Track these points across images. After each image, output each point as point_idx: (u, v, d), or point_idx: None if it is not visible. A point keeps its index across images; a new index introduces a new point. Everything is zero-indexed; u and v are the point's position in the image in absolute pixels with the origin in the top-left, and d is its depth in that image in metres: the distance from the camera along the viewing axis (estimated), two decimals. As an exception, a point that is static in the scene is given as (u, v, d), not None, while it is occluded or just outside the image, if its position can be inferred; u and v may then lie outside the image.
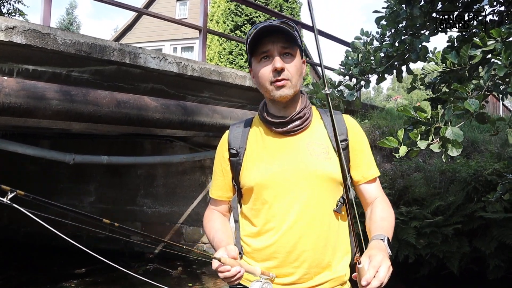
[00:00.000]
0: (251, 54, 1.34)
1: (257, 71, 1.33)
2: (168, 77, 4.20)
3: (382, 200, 1.40)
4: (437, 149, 2.12)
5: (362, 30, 3.51)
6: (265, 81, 1.31)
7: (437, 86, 2.95)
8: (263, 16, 12.21)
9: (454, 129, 2.10)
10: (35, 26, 3.11)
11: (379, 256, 1.10)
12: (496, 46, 2.35)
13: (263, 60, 1.31)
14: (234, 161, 1.41)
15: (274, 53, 1.29)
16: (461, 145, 2.08)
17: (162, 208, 6.11)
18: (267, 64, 1.30)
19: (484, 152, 5.34)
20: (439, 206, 4.58)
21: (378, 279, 1.05)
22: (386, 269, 1.07)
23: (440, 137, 2.12)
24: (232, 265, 1.19)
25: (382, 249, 1.16)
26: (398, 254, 4.49)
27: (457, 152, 2.07)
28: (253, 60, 1.34)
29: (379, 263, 1.08)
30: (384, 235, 1.23)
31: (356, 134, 1.42)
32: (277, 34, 1.28)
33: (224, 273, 1.19)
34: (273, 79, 1.29)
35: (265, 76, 1.31)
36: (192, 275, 5.22)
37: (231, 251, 1.23)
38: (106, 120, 3.41)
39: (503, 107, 15.26)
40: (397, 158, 2.22)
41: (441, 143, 2.12)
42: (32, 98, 2.93)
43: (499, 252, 4.22)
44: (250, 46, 1.31)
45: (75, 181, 6.61)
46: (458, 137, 2.07)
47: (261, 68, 1.31)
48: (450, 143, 2.08)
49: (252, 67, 1.37)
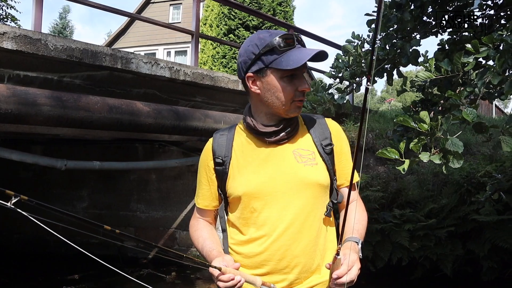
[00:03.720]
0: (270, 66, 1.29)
1: (280, 87, 1.30)
2: (161, 82, 4.20)
3: (358, 203, 1.44)
4: (438, 160, 2.12)
5: (354, 33, 3.53)
6: (288, 99, 1.30)
7: (427, 89, 2.96)
8: (256, 20, 12.25)
9: (454, 139, 2.10)
10: (26, 32, 3.09)
11: (354, 256, 1.20)
12: (489, 53, 2.37)
13: (288, 77, 1.30)
14: (220, 170, 1.40)
15: (300, 74, 1.31)
16: (462, 156, 2.08)
17: (156, 213, 6.08)
18: (291, 82, 1.30)
19: (476, 154, 5.37)
20: (432, 208, 4.60)
21: (349, 276, 1.15)
22: (357, 270, 1.18)
23: (440, 148, 2.13)
24: (234, 274, 1.19)
25: (356, 251, 1.25)
26: (391, 257, 4.50)
27: (459, 164, 2.08)
28: (273, 72, 1.29)
29: (353, 263, 1.18)
30: (359, 238, 1.32)
31: (341, 139, 1.44)
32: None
33: (226, 282, 1.18)
34: (297, 98, 1.31)
35: (290, 94, 1.30)
36: (186, 281, 5.20)
37: (230, 261, 1.24)
38: (98, 126, 3.39)
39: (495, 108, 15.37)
40: (402, 172, 2.20)
41: (442, 155, 2.12)
42: (23, 104, 2.91)
43: (493, 254, 4.24)
44: (288, 66, 1.26)
45: (68, 187, 6.57)
46: (458, 148, 2.07)
47: (285, 85, 1.30)
48: (451, 154, 2.08)
49: (265, 77, 1.31)
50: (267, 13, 11.89)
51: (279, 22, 8.28)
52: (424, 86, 3.02)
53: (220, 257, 1.25)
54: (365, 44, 3.41)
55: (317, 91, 3.17)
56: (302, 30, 7.42)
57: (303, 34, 7.35)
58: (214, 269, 1.19)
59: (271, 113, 1.35)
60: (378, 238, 4.51)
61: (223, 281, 1.18)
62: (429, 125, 2.13)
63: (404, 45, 3.03)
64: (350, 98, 7.64)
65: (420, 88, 3.10)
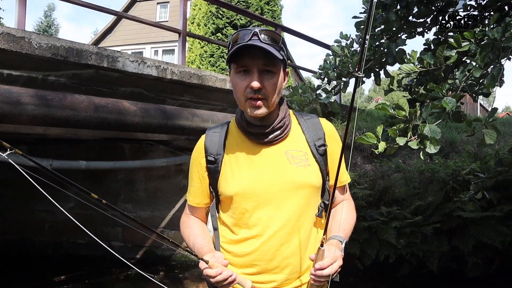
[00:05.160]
0: (230, 62, 1.30)
1: (234, 82, 1.29)
2: (147, 81, 4.17)
3: (348, 203, 1.45)
4: (416, 146, 2.16)
5: (342, 33, 3.55)
6: (240, 95, 1.28)
7: (413, 88, 3.00)
8: (244, 19, 12.23)
9: (432, 126, 2.14)
10: (9, 30, 3.04)
11: (338, 252, 1.24)
12: (470, 48, 2.41)
13: (242, 72, 1.26)
14: (212, 168, 1.38)
15: (253, 70, 1.24)
16: (438, 142, 2.12)
17: (143, 212, 6.04)
18: (245, 78, 1.25)
19: (461, 152, 5.44)
20: (418, 206, 4.65)
21: (330, 269, 1.18)
22: (338, 266, 1.21)
23: (418, 134, 2.16)
24: (223, 270, 1.19)
25: (340, 249, 1.28)
26: (378, 254, 4.53)
27: (435, 149, 2.11)
28: (232, 67, 1.30)
29: (336, 258, 1.21)
30: (344, 238, 1.33)
31: (335, 140, 1.42)
32: (258, 50, 1.23)
33: (215, 277, 1.18)
34: (249, 95, 1.26)
35: (241, 90, 1.27)
36: (174, 280, 5.18)
37: (220, 258, 1.24)
38: (84, 125, 3.35)
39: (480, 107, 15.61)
40: (377, 153, 2.25)
41: (419, 140, 2.16)
42: (6, 103, 2.86)
43: (477, 250, 4.30)
44: (229, 57, 1.26)
45: (54, 187, 6.48)
46: (435, 134, 2.11)
47: (238, 81, 1.27)
48: (428, 140, 2.12)
49: (230, 73, 1.33)
50: (255, 12, 11.88)
51: (266, 21, 8.29)
52: (410, 86, 3.06)
53: (211, 254, 1.25)
54: (354, 44, 3.43)
55: (304, 92, 3.19)
56: (289, 29, 7.43)
57: (290, 33, 7.36)
58: (203, 263, 1.19)
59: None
60: (366, 235, 4.55)
61: (210, 275, 1.19)
62: (407, 112, 2.17)
63: (390, 45, 3.06)
64: (338, 98, 7.67)
65: (407, 88, 3.13)
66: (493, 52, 2.26)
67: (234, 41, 1.25)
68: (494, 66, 2.30)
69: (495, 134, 2.20)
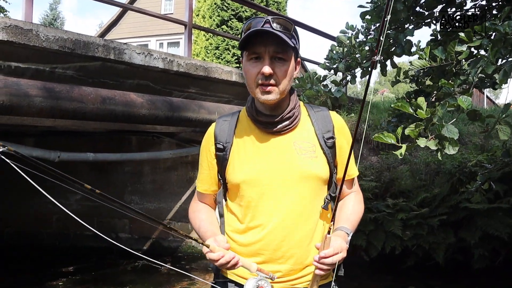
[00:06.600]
0: (243, 49, 1.31)
1: (246, 69, 1.31)
2: (154, 73, 4.17)
3: (356, 195, 1.46)
4: (434, 146, 2.14)
5: (348, 24, 3.53)
6: (252, 82, 1.29)
7: (420, 79, 2.98)
8: (250, 11, 12.18)
9: (450, 126, 2.12)
10: (16, 22, 3.06)
11: (343, 243, 1.26)
12: (482, 42, 2.38)
13: (253, 60, 1.28)
14: (220, 156, 1.39)
15: (265, 57, 1.26)
16: (457, 143, 2.10)
17: (150, 204, 6.08)
18: (257, 65, 1.27)
19: (468, 144, 5.42)
20: (424, 198, 4.64)
21: (333, 259, 1.20)
22: (341, 257, 1.22)
23: (436, 134, 2.15)
24: (225, 253, 1.20)
25: (346, 241, 1.30)
26: (385, 246, 4.54)
27: (454, 151, 2.10)
28: (244, 55, 1.31)
29: (341, 249, 1.23)
30: (351, 230, 1.35)
31: (344, 134, 1.42)
32: (270, 37, 1.24)
33: (218, 260, 1.20)
34: (260, 82, 1.27)
35: (252, 77, 1.29)
36: (181, 271, 5.21)
37: (221, 242, 1.25)
38: (91, 117, 3.37)
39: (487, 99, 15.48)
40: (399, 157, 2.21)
41: (438, 141, 2.15)
42: (15, 95, 2.88)
43: (484, 242, 4.29)
44: (241, 44, 1.28)
45: (61, 179, 6.54)
46: (453, 134, 2.09)
47: (250, 68, 1.29)
48: (447, 141, 2.11)
49: (242, 61, 1.34)
50: (260, 3, 11.82)
51: (272, 12, 8.26)
52: (417, 77, 3.04)
53: (212, 238, 1.27)
54: (360, 35, 3.41)
55: (312, 84, 3.17)
56: (295, 20, 7.39)
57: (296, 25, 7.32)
58: (205, 247, 1.21)
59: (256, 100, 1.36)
60: (372, 227, 4.56)
61: (213, 258, 1.20)
62: (427, 111, 2.15)
63: (397, 36, 3.04)
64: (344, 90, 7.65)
65: (413, 79, 3.12)
66: (505, 47, 2.23)
67: (247, 29, 1.27)
68: (506, 61, 2.28)
69: (509, 130, 2.19)
